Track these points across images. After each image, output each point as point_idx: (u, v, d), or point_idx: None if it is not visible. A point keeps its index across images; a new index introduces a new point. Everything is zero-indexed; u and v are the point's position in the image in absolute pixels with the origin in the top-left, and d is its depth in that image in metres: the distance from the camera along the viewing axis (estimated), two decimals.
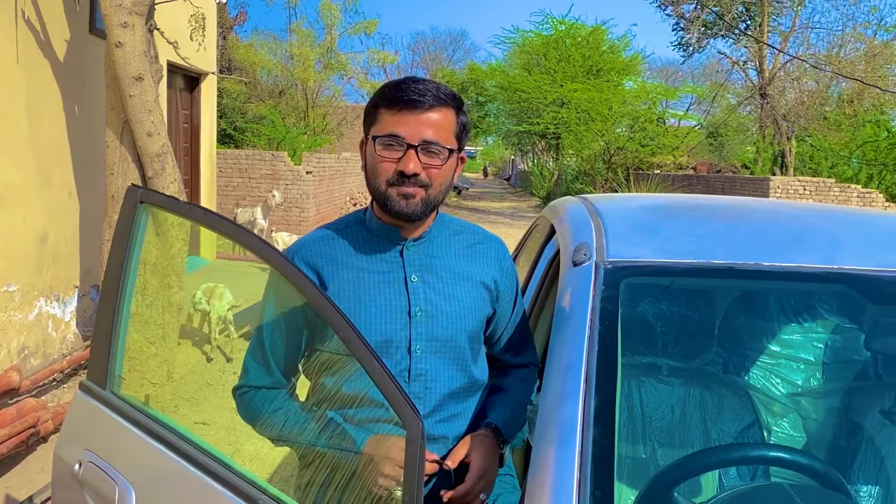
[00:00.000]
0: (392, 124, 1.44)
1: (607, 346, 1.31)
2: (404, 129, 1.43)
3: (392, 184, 1.45)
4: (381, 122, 1.46)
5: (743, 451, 1.59)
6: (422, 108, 1.43)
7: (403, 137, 1.42)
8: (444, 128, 1.46)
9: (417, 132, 1.43)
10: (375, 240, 1.54)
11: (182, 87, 8.48)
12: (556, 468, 1.14)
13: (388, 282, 1.50)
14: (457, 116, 1.49)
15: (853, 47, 21.27)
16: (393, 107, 1.44)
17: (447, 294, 1.52)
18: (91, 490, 1.59)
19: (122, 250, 1.69)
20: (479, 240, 1.63)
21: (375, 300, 1.48)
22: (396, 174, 1.43)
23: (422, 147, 1.43)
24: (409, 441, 1.19)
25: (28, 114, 4.81)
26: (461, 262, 1.57)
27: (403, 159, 1.43)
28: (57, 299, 5.24)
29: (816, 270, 1.50)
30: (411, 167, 1.42)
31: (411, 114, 1.43)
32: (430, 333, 1.49)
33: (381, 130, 1.45)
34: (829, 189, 14.25)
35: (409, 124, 1.43)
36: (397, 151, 1.43)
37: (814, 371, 2.24)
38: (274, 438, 1.54)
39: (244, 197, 13.13)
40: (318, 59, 20.44)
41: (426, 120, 1.43)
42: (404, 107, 1.43)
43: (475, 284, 1.56)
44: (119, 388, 1.70)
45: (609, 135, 22.17)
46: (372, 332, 1.45)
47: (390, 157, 1.44)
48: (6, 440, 3.57)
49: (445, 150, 1.45)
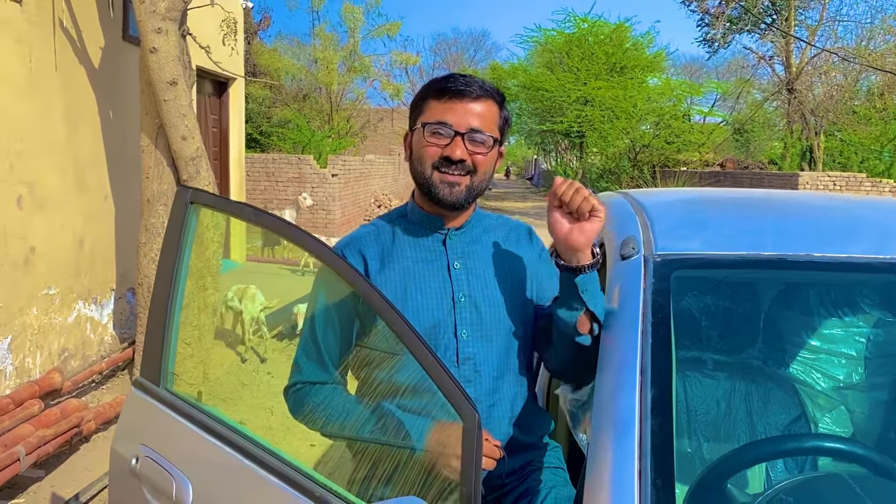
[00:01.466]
0: (440, 112, 1.50)
1: (661, 338, 1.32)
2: (452, 117, 1.49)
3: (437, 168, 1.50)
4: (429, 110, 1.52)
5: (798, 441, 1.58)
6: (469, 98, 1.50)
7: (451, 125, 1.49)
8: (489, 118, 1.52)
9: (465, 120, 1.49)
10: (419, 230, 1.59)
11: (210, 93, 8.58)
12: (615, 459, 1.15)
13: (432, 270, 1.55)
14: (500, 110, 1.56)
15: (882, 39, 20.93)
16: (441, 96, 1.51)
17: (488, 280, 1.56)
18: (149, 484, 1.62)
19: (174, 248, 1.72)
20: (511, 228, 1.69)
21: (421, 288, 1.52)
22: (442, 159, 1.50)
23: (468, 135, 1.49)
24: (465, 432, 1.20)
25: (65, 120, 4.91)
26: (502, 250, 1.62)
27: (450, 145, 1.49)
28: (94, 302, 5.33)
29: (869, 260, 1.49)
30: (458, 153, 1.48)
31: (459, 102, 1.50)
32: (474, 318, 1.53)
33: (429, 118, 1.52)
34: (861, 184, 14.04)
35: (457, 112, 1.49)
36: (444, 138, 1.50)
37: (856, 366, 2.21)
38: (329, 431, 1.55)
39: (271, 200, 13.25)
40: (342, 62, 20.57)
41: (472, 109, 1.50)
42: (453, 96, 1.50)
43: (515, 270, 1.60)
44: (172, 385, 1.74)
45: (634, 132, 22.05)
46: (419, 317, 1.49)
47: (437, 143, 1.50)
48: (51, 440, 3.65)
49: (490, 139, 1.52)
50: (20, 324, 4.46)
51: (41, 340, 4.67)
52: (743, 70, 25.64)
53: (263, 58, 19.56)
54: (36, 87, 4.60)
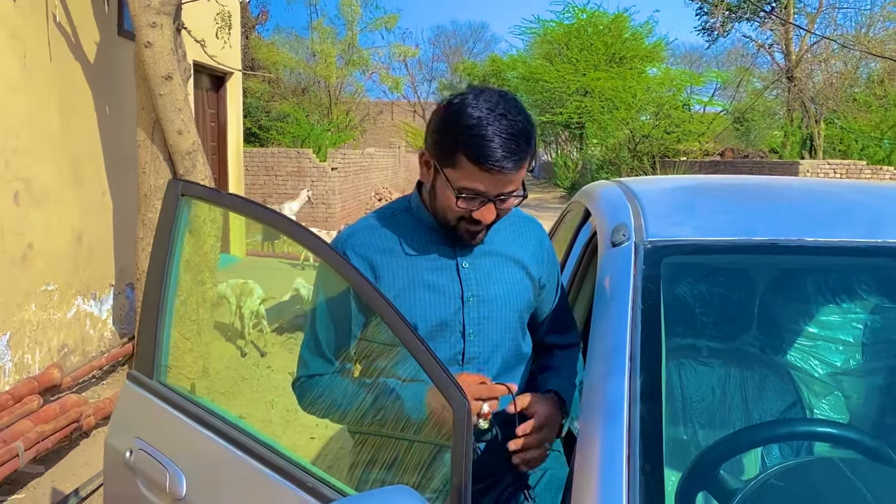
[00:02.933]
0: (475, 180, 1.39)
1: (650, 325, 1.31)
2: (487, 187, 1.40)
3: (464, 218, 1.46)
4: (461, 170, 1.39)
5: (791, 426, 1.58)
6: (509, 172, 1.38)
7: (486, 193, 1.41)
8: (521, 176, 1.44)
9: (499, 189, 1.41)
10: (425, 228, 1.55)
11: (208, 87, 8.57)
12: (603, 444, 1.14)
13: (439, 268, 1.52)
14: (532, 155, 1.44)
15: (882, 26, 20.84)
16: (477, 164, 1.37)
17: (497, 277, 1.54)
18: (143, 477, 1.63)
19: (165, 242, 1.72)
20: (520, 223, 1.65)
21: (428, 286, 1.50)
22: (471, 216, 1.44)
23: (500, 197, 1.43)
24: (456, 421, 1.20)
25: (61, 116, 4.90)
26: (508, 246, 1.59)
27: (482, 210, 1.43)
28: (94, 297, 5.33)
29: (860, 244, 1.48)
30: (489, 218, 1.44)
31: (499, 174, 1.38)
32: (482, 317, 1.52)
33: (461, 181, 1.40)
34: (861, 171, 14.00)
35: (493, 183, 1.39)
36: (475, 202, 1.42)
37: (853, 352, 2.21)
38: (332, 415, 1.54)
39: (271, 195, 13.24)
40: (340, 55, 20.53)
41: (510, 179, 1.40)
42: (493, 170, 1.37)
43: (521, 267, 1.58)
44: (166, 378, 1.74)
45: (634, 123, 22.00)
46: (427, 316, 1.48)
47: (469, 207, 1.43)
48: (51, 435, 3.65)
49: (521, 194, 1.46)
50: (19, 320, 4.47)
51: (40, 336, 4.67)
52: (742, 58, 25.55)
53: (261, 52, 19.52)
54: (31, 83, 4.60)
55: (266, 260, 9.45)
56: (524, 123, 1.39)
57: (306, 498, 1.32)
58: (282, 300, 6.66)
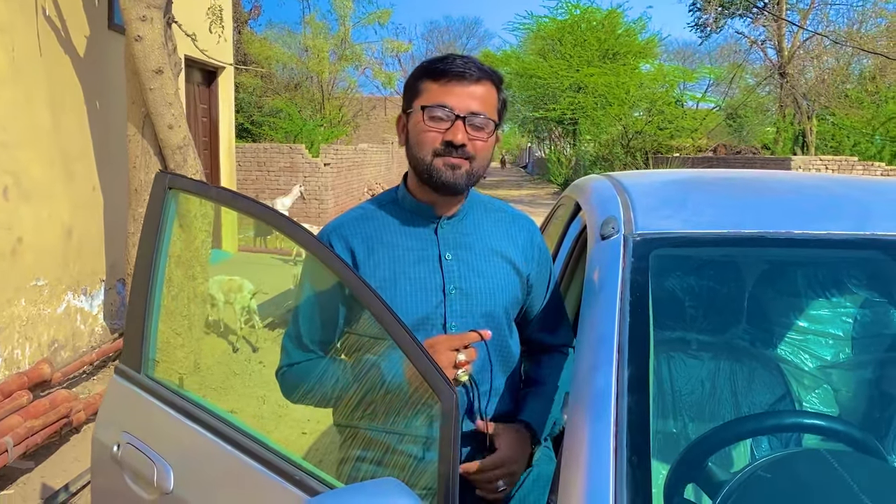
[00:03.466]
0: (440, 95, 1.45)
1: (639, 317, 1.31)
2: (453, 100, 1.44)
3: (438, 154, 1.45)
4: (427, 93, 1.46)
5: (778, 418, 1.58)
6: (469, 81, 1.45)
7: (452, 108, 1.44)
8: (489, 101, 1.48)
9: (465, 104, 1.44)
10: (410, 218, 1.54)
11: (200, 82, 8.53)
12: (591, 436, 1.14)
13: (422, 259, 1.50)
14: (498, 92, 1.51)
15: (874, 23, 20.93)
16: (440, 78, 1.45)
17: (481, 271, 1.53)
18: (130, 471, 1.62)
19: (153, 235, 1.71)
20: (510, 219, 1.63)
21: (410, 278, 1.48)
22: (443, 144, 1.44)
23: (468, 119, 1.44)
24: (444, 412, 1.20)
25: (50, 109, 4.87)
26: (494, 239, 1.57)
27: (451, 129, 1.44)
28: (84, 293, 5.31)
29: (848, 237, 1.48)
30: (460, 137, 1.43)
31: (459, 85, 1.44)
32: (464, 310, 1.50)
33: (428, 101, 1.45)
34: (853, 167, 14.06)
35: (458, 95, 1.44)
36: (445, 122, 1.44)
37: (843, 346, 2.22)
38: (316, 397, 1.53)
39: (263, 190, 13.21)
40: (333, 50, 20.49)
41: (473, 92, 1.45)
42: (452, 78, 1.44)
43: (508, 261, 1.56)
44: (153, 372, 1.73)
45: (627, 119, 22.03)
46: (407, 310, 1.46)
47: (437, 127, 1.45)
48: (40, 430, 3.64)
49: (491, 123, 1.47)
50: (8, 315, 4.44)
51: (30, 332, 4.65)
52: (735, 55, 25.61)
53: (254, 47, 19.46)
54: (19, 77, 4.56)
55: (258, 255, 9.43)
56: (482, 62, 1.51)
57: (294, 491, 1.32)
58: (275, 295, 6.65)
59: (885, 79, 20.18)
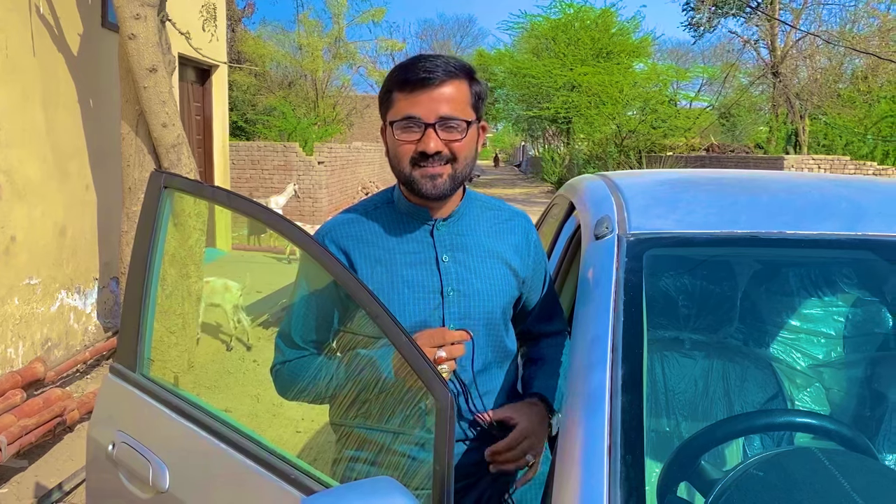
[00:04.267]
0: (406, 106, 1.42)
1: (632, 316, 1.32)
2: (419, 109, 1.41)
3: (416, 164, 1.44)
4: (395, 105, 1.44)
5: (769, 417, 1.59)
6: (433, 85, 1.41)
7: (420, 117, 1.41)
8: (459, 100, 1.44)
9: (432, 110, 1.41)
10: (405, 220, 1.54)
11: (193, 80, 8.51)
12: (585, 435, 1.15)
13: (418, 262, 1.50)
14: (470, 86, 1.47)
15: (866, 22, 21.02)
16: (405, 88, 1.42)
17: (478, 272, 1.52)
18: (125, 470, 1.62)
19: (148, 234, 1.70)
20: (506, 217, 1.63)
21: (407, 281, 1.48)
22: (418, 154, 1.43)
23: (439, 124, 1.41)
24: (438, 412, 1.21)
25: (44, 108, 4.85)
26: (491, 240, 1.57)
27: (423, 139, 1.41)
28: (78, 291, 5.30)
29: (840, 237, 1.49)
30: (432, 146, 1.41)
31: (424, 92, 1.41)
32: (462, 312, 1.49)
33: (396, 114, 1.43)
34: (845, 166, 14.12)
35: (423, 103, 1.41)
36: (416, 133, 1.42)
37: (834, 345, 2.23)
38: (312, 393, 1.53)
39: (257, 188, 13.19)
40: (327, 48, 20.46)
41: (439, 96, 1.41)
42: (416, 86, 1.41)
43: (505, 261, 1.56)
44: (148, 371, 1.73)
45: (620, 118, 22.07)
46: (405, 313, 1.45)
47: (409, 139, 1.42)
48: (34, 429, 3.63)
49: (463, 123, 1.44)
50: (1, 314, 4.43)
51: (23, 330, 4.64)
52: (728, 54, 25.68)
53: (248, 45, 19.41)
54: (13, 76, 4.55)
55: (252, 254, 9.42)
56: (447, 56, 1.48)
57: (289, 490, 1.32)
58: (269, 293, 6.64)
59: (877, 78, 20.27)
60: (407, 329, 1.38)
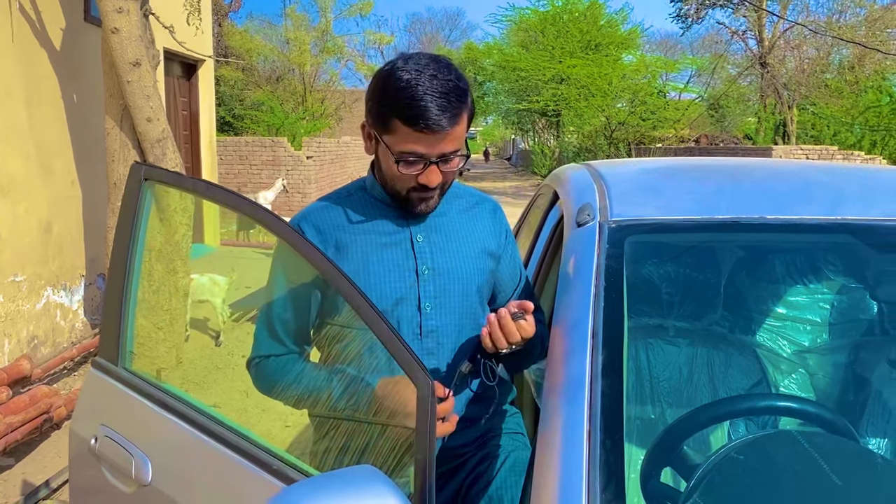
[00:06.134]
0: (411, 142, 1.39)
1: (613, 303, 1.32)
2: (424, 148, 1.39)
3: (413, 190, 1.46)
4: (397, 134, 1.39)
5: (751, 402, 1.60)
6: (442, 132, 1.38)
7: (424, 155, 1.40)
8: (460, 136, 1.43)
9: (437, 150, 1.40)
10: (379, 205, 1.55)
11: (179, 75, 8.45)
12: (565, 420, 1.15)
13: (393, 243, 1.51)
14: (468, 113, 1.44)
15: (853, 13, 21.09)
16: (412, 125, 1.37)
17: (452, 252, 1.54)
18: (108, 463, 1.61)
19: (128, 227, 1.70)
20: (475, 202, 1.65)
21: (382, 261, 1.49)
22: (418, 185, 1.44)
23: (441, 159, 1.42)
24: (419, 400, 1.20)
25: (27, 104, 4.81)
26: (463, 222, 1.59)
27: (426, 173, 1.42)
28: (64, 288, 5.26)
29: (821, 222, 1.50)
30: (433, 180, 1.42)
31: (432, 136, 1.38)
32: (438, 290, 1.51)
33: (399, 145, 1.40)
34: (832, 156, 14.20)
35: (429, 144, 1.39)
36: (417, 166, 1.41)
37: (820, 332, 2.24)
38: (290, 399, 1.54)
39: (245, 184, 13.14)
40: (314, 42, 20.38)
41: (445, 137, 1.39)
42: (425, 129, 1.37)
43: (477, 241, 1.59)
44: (131, 364, 1.72)
45: (609, 110, 22.11)
46: (380, 292, 1.46)
47: (410, 171, 1.42)
48: (20, 426, 3.61)
49: (461, 155, 1.45)
50: None
51: (9, 328, 4.61)
52: (717, 45, 25.74)
53: (234, 39, 19.31)
54: None
55: (241, 249, 9.38)
56: (455, 81, 1.40)
57: (272, 481, 1.32)
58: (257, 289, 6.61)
59: (864, 68, 20.36)
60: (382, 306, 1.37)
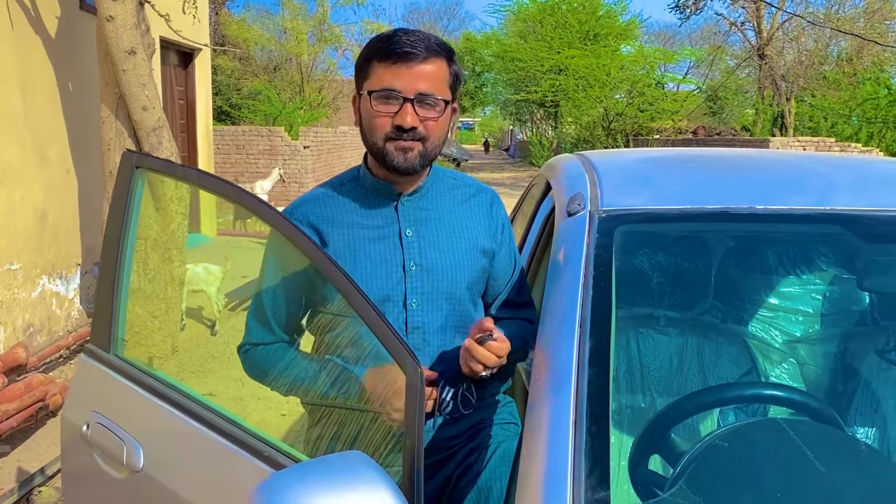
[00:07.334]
0: (387, 78, 1.41)
1: (601, 292, 1.32)
2: (400, 83, 1.41)
3: (390, 138, 1.44)
4: (374, 75, 1.43)
5: (738, 390, 1.61)
6: (416, 61, 1.41)
7: (399, 91, 1.41)
8: (439, 79, 1.44)
9: (413, 85, 1.41)
10: (370, 196, 1.54)
11: (176, 64, 8.42)
12: (551, 408, 1.16)
13: (382, 237, 1.50)
14: (449, 66, 1.48)
15: (851, 4, 21.06)
16: (386, 59, 1.41)
17: (442, 247, 1.52)
18: (100, 450, 1.62)
19: (120, 215, 1.70)
20: (473, 192, 1.63)
21: (370, 256, 1.48)
22: (394, 128, 1.42)
23: (417, 100, 1.42)
24: (408, 387, 1.21)
25: (22, 92, 4.79)
26: (456, 215, 1.57)
27: (400, 113, 1.41)
28: (60, 277, 5.26)
29: (810, 212, 1.50)
30: (409, 120, 1.41)
31: (405, 66, 1.41)
32: (425, 287, 1.49)
33: (375, 84, 1.43)
34: (830, 148, 14.19)
35: (404, 77, 1.41)
36: (393, 105, 1.42)
37: (812, 323, 2.25)
38: (280, 388, 1.55)
39: (242, 173, 13.11)
40: (311, 31, 20.30)
41: (420, 72, 1.41)
42: (398, 59, 1.40)
43: (470, 236, 1.56)
44: (122, 351, 1.73)
45: (607, 101, 22.08)
46: (367, 287, 1.44)
47: (386, 111, 1.42)
48: (15, 414, 3.62)
49: (441, 102, 1.44)
50: None
51: (4, 316, 4.61)
52: (715, 36, 25.69)
53: (231, 28, 19.23)
54: None
55: (237, 239, 9.38)
56: (428, 34, 1.47)
57: (262, 467, 1.33)
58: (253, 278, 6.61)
59: (862, 60, 20.34)
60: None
